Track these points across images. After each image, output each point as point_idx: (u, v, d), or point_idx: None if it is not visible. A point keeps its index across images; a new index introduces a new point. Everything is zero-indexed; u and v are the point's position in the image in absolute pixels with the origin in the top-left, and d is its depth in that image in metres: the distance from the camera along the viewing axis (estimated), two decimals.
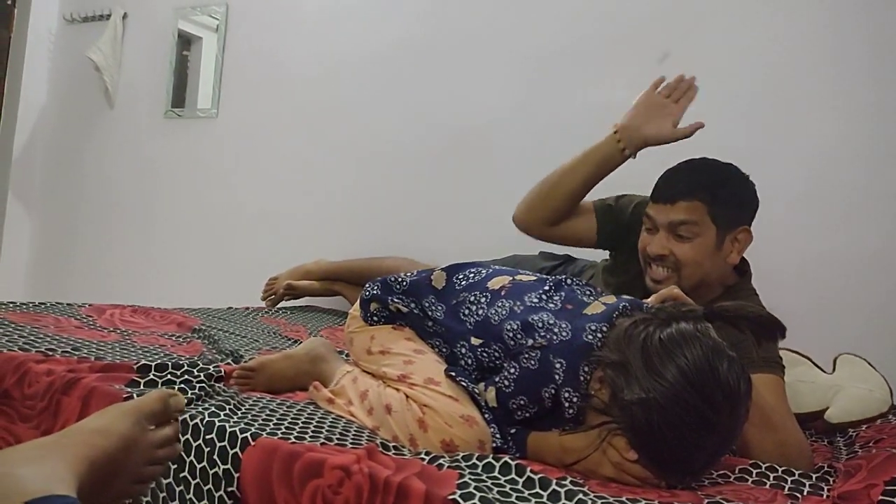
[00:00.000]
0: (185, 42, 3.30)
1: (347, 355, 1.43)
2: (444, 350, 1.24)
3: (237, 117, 3.09)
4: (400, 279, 1.31)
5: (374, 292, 1.31)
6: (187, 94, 3.29)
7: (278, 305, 2.51)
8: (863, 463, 1.10)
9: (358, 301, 1.36)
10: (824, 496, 1.05)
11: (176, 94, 3.29)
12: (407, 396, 1.13)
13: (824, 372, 1.59)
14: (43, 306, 1.77)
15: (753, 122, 2.08)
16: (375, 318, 1.32)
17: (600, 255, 1.82)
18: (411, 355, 1.22)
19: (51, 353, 1.31)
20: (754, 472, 1.15)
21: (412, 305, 1.28)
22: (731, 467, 1.16)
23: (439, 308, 1.25)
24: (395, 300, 1.29)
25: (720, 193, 1.41)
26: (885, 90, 1.93)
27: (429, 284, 1.29)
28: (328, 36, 2.85)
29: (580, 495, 0.89)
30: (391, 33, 2.64)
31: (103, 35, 3.38)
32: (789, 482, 1.12)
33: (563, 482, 0.94)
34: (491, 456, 1.02)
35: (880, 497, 0.96)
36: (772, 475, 1.14)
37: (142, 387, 1.19)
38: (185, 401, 0.79)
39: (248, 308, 2.33)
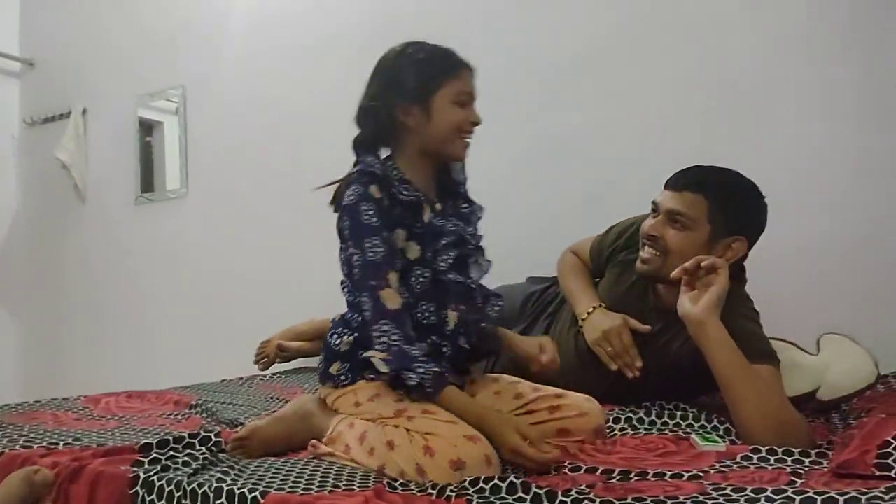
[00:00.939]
0: (147, 128, 3.36)
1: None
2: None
3: (207, 192, 3.13)
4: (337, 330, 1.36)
5: (328, 358, 1.35)
6: (155, 178, 3.33)
7: (271, 369, 2.51)
8: (856, 432, 1.13)
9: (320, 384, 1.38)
10: (824, 469, 1.08)
11: (144, 180, 3.33)
12: (407, 430, 1.15)
13: (810, 354, 1.63)
14: (38, 404, 1.78)
15: (739, 111, 2.11)
16: (343, 378, 1.33)
17: None
18: (400, 396, 1.25)
19: (54, 446, 1.32)
20: (755, 457, 1.18)
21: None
22: (732, 455, 1.19)
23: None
24: (342, 342, 1.32)
25: (726, 198, 1.46)
26: (870, 81, 1.96)
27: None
28: (286, 99, 2.91)
29: (586, 502, 0.91)
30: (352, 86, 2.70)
31: (66, 133, 3.43)
32: (790, 461, 1.15)
33: (569, 492, 0.96)
34: (497, 478, 1.04)
35: (875, 461, 0.99)
36: (772, 458, 1.17)
37: (146, 465, 1.19)
38: (51, 475, 0.79)
39: (241, 378, 2.33)
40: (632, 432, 1.43)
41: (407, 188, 1.33)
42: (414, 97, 1.30)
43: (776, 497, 0.92)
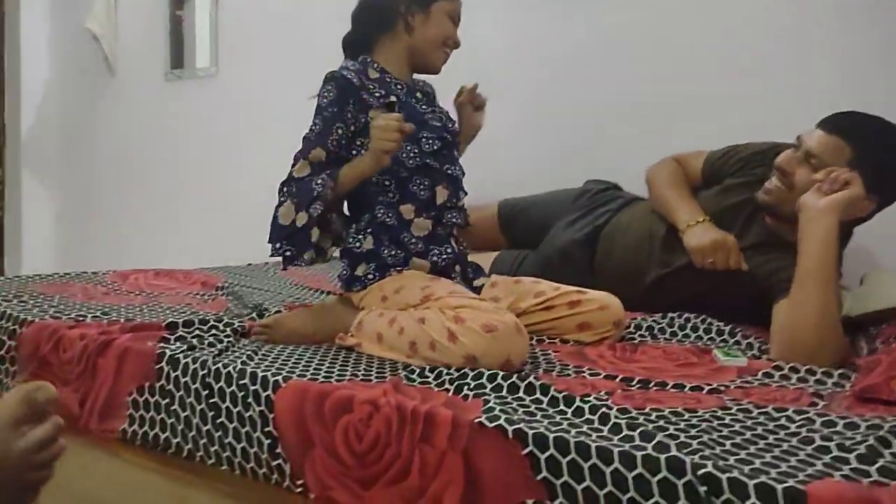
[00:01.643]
0: (178, 1, 3.25)
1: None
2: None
3: (238, 73, 3.06)
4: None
5: (351, 263, 1.41)
6: (185, 54, 3.26)
7: None
8: (882, 358, 1.11)
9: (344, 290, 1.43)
10: (847, 392, 1.07)
11: (174, 55, 3.26)
12: (439, 308, 1.21)
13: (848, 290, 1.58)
14: (69, 276, 1.82)
15: (738, 108, 1.99)
16: (371, 278, 1.37)
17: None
18: (426, 282, 1.31)
19: (82, 318, 1.35)
20: (776, 374, 1.17)
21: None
22: (753, 371, 1.18)
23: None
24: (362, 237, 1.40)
25: (872, 153, 1.37)
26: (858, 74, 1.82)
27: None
28: None
29: (603, 408, 0.91)
30: None
31: (97, 2, 3.34)
32: (812, 381, 1.14)
33: (587, 398, 0.96)
34: (515, 376, 1.04)
35: None
36: (794, 376, 1.16)
37: (173, 342, 1.22)
38: (54, 390, 0.68)
39: (266, 263, 2.35)
40: (651, 341, 1.42)
41: (385, 81, 1.44)
42: (407, 13, 1.42)
43: (797, 417, 0.92)
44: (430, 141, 1.41)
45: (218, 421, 1.08)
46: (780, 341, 1.29)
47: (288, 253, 1.34)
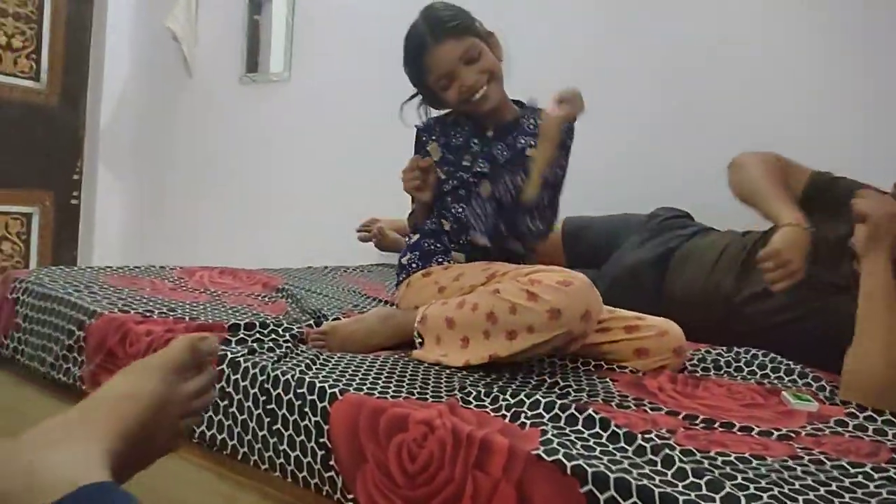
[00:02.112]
0: (256, 6, 3.34)
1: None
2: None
3: (310, 79, 3.12)
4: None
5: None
6: (260, 58, 3.34)
7: (356, 262, 2.54)
8: None
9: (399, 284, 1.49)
10: None
11: (249, 59, 3.34)
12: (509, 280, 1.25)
13: None
14: (138, 269, 1.87)
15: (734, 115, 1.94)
16: (414, 266, 1.45)
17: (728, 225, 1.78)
18: (485, 265, 1.35)
19: (149, 314, 1.39)
20: (851, 423, 1.11)
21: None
22: (825, 417, 1.12)
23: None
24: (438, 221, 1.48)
25: None
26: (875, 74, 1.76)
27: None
28: None
29: (667, 449, 0.88)
30: None
31: (178, 3, 3.46)
32: (890, 434, 1.07)
33: (649, 436, 0.93)
34: (574, 407, 1.01)
35: None
36: (871, 427, 1.10)
37: (234, 344, 1.24)
38: (218, 342, 0.74)
39: (326, 267, 2.38)
40: (714, 376, 1.37)
41: (459, 130, 1.50)
42: (422, 94, 1.51)
43: (876, 476, 0.86)
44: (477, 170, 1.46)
45: (274, 427, 1.08)
46: (845, 382, 1.25)
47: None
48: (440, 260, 1.45)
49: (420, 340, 1.30)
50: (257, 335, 1.28)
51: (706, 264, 1.63)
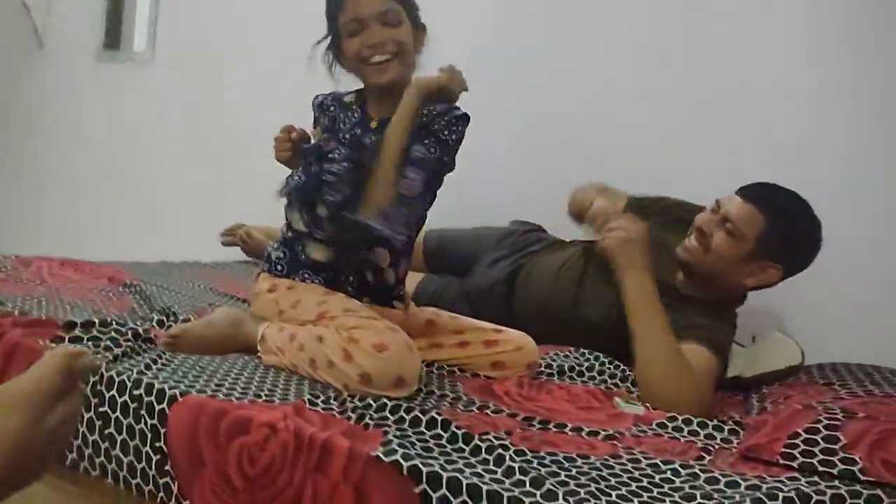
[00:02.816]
0: None
1: None
2: None
3: (175, 58, 2.97)
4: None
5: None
6: (123, 35, 3.15)
7: (214, 257, 2.45)
8: (769, 418, 1.17)
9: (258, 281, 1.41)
10: (733, 449, 1.11)
11: (110, 35, 3.14)
12: (335, 329, 1.21)
13: (742, 346, 1.67)
14: None
15: (728, 108, 2.05)
16: (279, 268, 1.38)
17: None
18: (322, 297, 1.30)
19: None
20: (670, 425, 1.21)
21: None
22: (649, 420, 1.22)
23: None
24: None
25: (783, 227, 1.47)
26: (867, 77, 1.90)
27: None
28: None
29: (500, 449, 0.93)
30: None
31: None
32: (702, 435, 1.18)
33: (486, 437, 0.97)
34: (418, 409, 1.04)
35: (782, 449, 1.03)
36: (686, 428, 1.20)
37: (66, 342, 1.16)
38: (94, 361, 0.62)
39: (183, 262, 2.29)
40: (558, 379, 1.45)
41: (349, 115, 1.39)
42: (331, 44, 1.37)
43: (683, 472, 0.95)
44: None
45: (106, 431, 1.03)
46: (641, 388, 1.38)
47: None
48: (304, 276, 1.36)
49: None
50: (95, 333, 1.22)
51: (546, 281, 1.75)
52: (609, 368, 1.50)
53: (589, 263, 1.70)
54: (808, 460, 1.00)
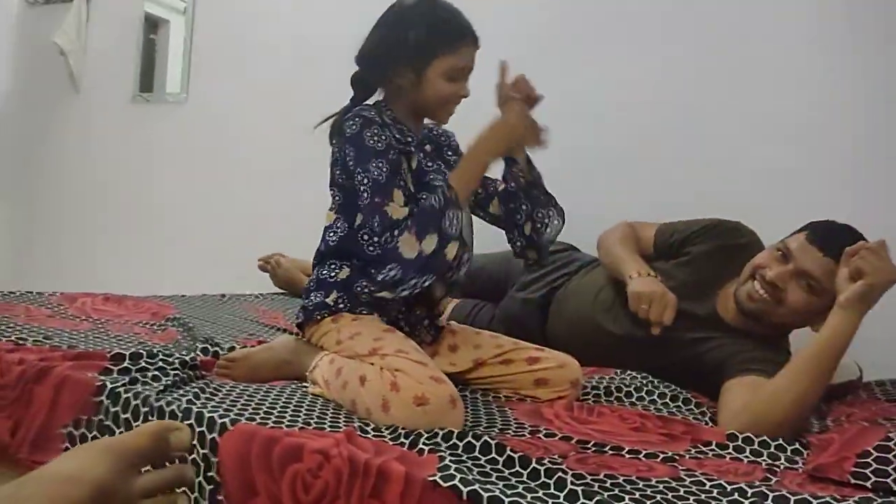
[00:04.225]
0: (152, 25, 3.23)
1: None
2: None
3: (207, 102, 3.03)
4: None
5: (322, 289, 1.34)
6: (155, 78, 3.23)
7: (254, 290, 2.47)
8: (835, 437, 1.12)
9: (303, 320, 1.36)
10: (799, 470, 1.07)
11: (143, 79, 3.22)
12: (381, 368, 1.16)
13: None
14: (13, 295, 1.74)
15: (737, 104, 2.06)
16: (342, 306, 1.31)
17: None
18: (380, 334, 1.26)
19: (22, 342, 1.29)
20: (731, 444, 1.17)
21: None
22: (707, 442, 1.18)
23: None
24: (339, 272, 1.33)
25: None
26: (874, 70, 1.91)
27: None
28: (302, 17, 2.80)
29: (559, 473, 0.90)
30: (369, 13, 2.60)
31: (67, 18, 3.30)
32: (765, 455, 1.14)
33: (543, 461, 0.94)
34: (471, 435, 1.02)
35: (852, 469, 0.98)
36: (748, 448, 1.16)
37: (115, 374, 1.17)
38: (191, 436, 0.63)
39: (223, 295, 2.30)
40: (605, 402, 1.42)
41: (400, 130, 1.33)
42: (410, 61, 1.30)
43: (750, 492, 0.91)
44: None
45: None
46: (752, 415, 1.26)
47: (426, 282, 1.24)
48: (360, 311, 1.32)
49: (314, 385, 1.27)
50: (143, 364, 1.22)
51: (584, 306, 1.71)
52: (659, 388, 1.47)
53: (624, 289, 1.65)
54: (882, 480, 0.96)
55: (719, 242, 1.66)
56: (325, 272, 1.34)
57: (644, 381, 1.50)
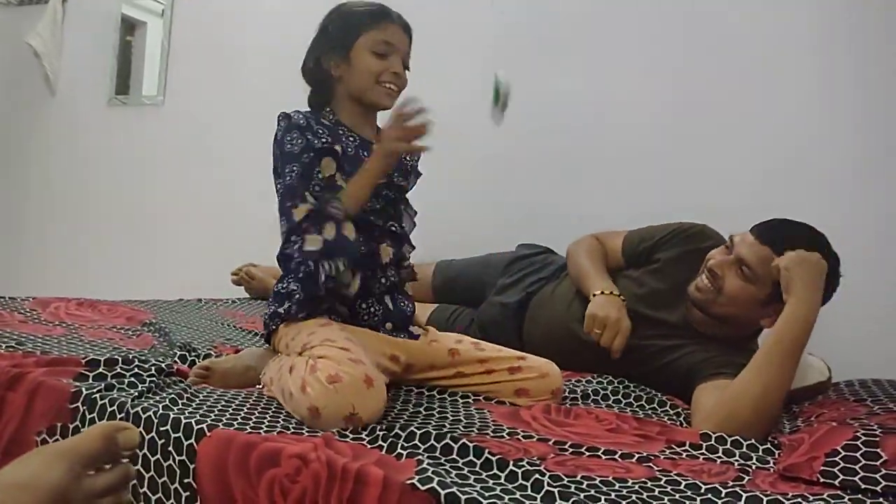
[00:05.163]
0: (129, 27, 3.21)
1: None
2: None
3: (184, 104, 3.02)
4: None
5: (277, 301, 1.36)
6: (132, 81, 3.20)
7: (230, 295, 2.45)
8: (805, 437, 1.14)
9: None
10: (771, 469, 1.09)
11: (120, 81, 3.19)
12: (308, 357, 1.18)
13: None
14: None
15: (728, 102, 2.09)
16: (293, 311, 1.32)
17: None
18: (314, 329, 1.27)
19: None
20: (704, 445, 1.19)
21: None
22: (681, 443, 1.20)
23: None
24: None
25: None
26: (873, 72, 1.94)
27: None
28: (280, 20, 2.79)
29: (536, 475, 0.91)
30: None
31: (42, 19, 3.26)
32: (738, 455, 1.16)
33: (521, 463, 0.95)
34: (449, 437, 1.02)
35: (821, 468, 1.01)
36: (720, 448, 1.18)
37: (90, 380, 1.16)
38: (140, 436, 0.64)
39: (200, 300, 2.28)
40: (582, 404, 1.43)
41: (335, 132, 1.36)
42: (337, 47, 1.36)
43: (724, 491, 0.93)
44: (371, 200, 1.33)
45: (133, 469, 1.01)
46: (722, 412, 1.28)
47: (340, 267, 1.26)
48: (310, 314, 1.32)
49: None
50: (118, 370, 1.21)
51: (559, 314, 1.72)
52: (635, 392, 1.49)
53: None
54: (850, 478, 0.98)
55: (686, 247, 1.67)
56: (278, 285, 1.36)
57: (620, 385, 1.52)
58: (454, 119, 2.41)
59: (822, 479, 0.99)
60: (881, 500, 0.92)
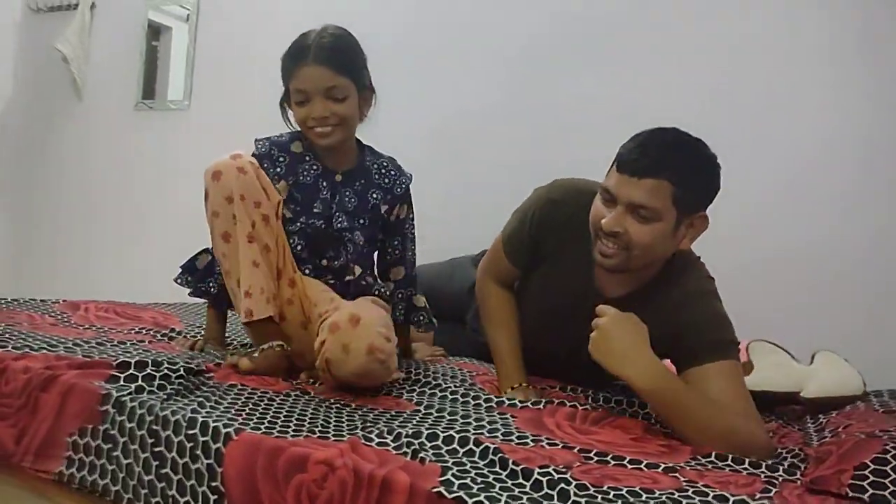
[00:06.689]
0: (155, 32, 3.25)
1: None
2: None
3: (210, 109, 3.05)
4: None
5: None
6: (157, 86, 3.24)
7: None
8: (833, 449, 1.13)
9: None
10: (798, 482, 1.08)
11: (146, 86, 3.24)
12: None
13: (800, 363, 1.63)
14: (16, 303, 1.74)
15: (745, 109, 2.09)
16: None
17: None
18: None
19: (27, 350, 1.29)
20: (729, 456, 1.18)
21: None
22: (706, 454, 1.19)
23: None
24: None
25: (689, 177, 1.29)
26: (880, 79, 1.94)
27: None
28: (303, 25, 2.81)
29: (562, 484, 0.91)
30: (370, 24, 2.62)
31: (71, 25, 3.32)
32: (763, 467, 1.15)
33: (545, 470, 0.95)
34: (472, 442, 1.03)
35: (850, 481, 0.99)
36: (747, 460, 1.17)
37: (121, 382, 1.17)
38: None
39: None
40: (605, 412, 1.43)
41: (300, 157, 1.51)
42: (284, 94, 1.52)
43: (751, 502, 0.92)
44: (305, 226, 1.48)
45: (162, 471, 1.03)
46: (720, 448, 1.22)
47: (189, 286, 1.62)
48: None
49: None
50: (148, 372, 1.22)
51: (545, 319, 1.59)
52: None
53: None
54: (880, 492, 0.97)
55: (550, 231, 1.51)
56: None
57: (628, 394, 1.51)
58: (478, 123, 2.44)
59: (850, 494, 0.98)
60: None
